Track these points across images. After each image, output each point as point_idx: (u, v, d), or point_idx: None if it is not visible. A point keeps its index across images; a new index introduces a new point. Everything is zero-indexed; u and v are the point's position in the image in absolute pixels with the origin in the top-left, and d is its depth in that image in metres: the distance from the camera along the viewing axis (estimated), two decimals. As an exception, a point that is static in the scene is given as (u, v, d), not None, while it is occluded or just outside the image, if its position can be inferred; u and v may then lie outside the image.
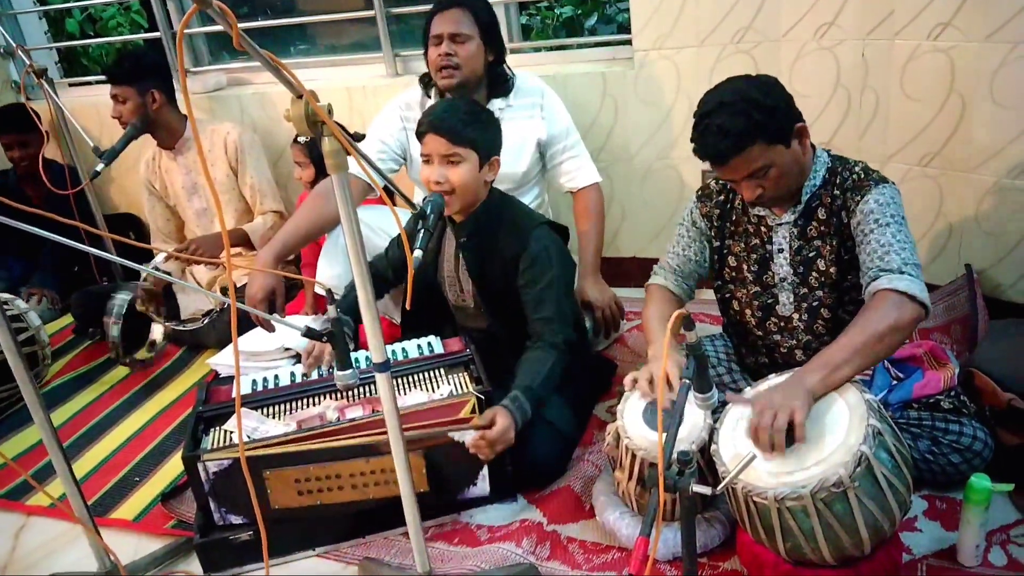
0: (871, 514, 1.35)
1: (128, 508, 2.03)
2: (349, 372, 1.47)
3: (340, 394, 1.86)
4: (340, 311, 1.52)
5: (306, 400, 1.87)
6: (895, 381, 1.78)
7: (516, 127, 2.32)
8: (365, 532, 1.80)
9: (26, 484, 2.12)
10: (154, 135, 2.78)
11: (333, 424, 1.72)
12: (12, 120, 3.19)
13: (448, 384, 1.85)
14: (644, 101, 2.68)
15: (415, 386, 1.87)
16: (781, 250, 1.75)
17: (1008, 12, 2.04)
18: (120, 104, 2.67)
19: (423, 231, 1.62)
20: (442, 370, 1.91)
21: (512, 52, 2.42)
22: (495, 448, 1.68)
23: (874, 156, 2.42)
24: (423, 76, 2.38)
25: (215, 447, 1.71)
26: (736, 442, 1.47)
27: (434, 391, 1.84)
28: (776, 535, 1.40)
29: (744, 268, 1.81)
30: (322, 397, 1.87)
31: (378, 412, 1.74)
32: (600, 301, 2.31)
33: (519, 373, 1.81)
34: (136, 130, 2.66)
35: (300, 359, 2.10)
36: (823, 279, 1.72)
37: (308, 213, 2.28)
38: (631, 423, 1.64)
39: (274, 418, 1.81)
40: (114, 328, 2.56)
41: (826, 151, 1.73)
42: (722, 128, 1.55)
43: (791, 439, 1.39)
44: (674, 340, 1.54)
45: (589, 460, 1.95)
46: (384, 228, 2.34)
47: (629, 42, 2.67)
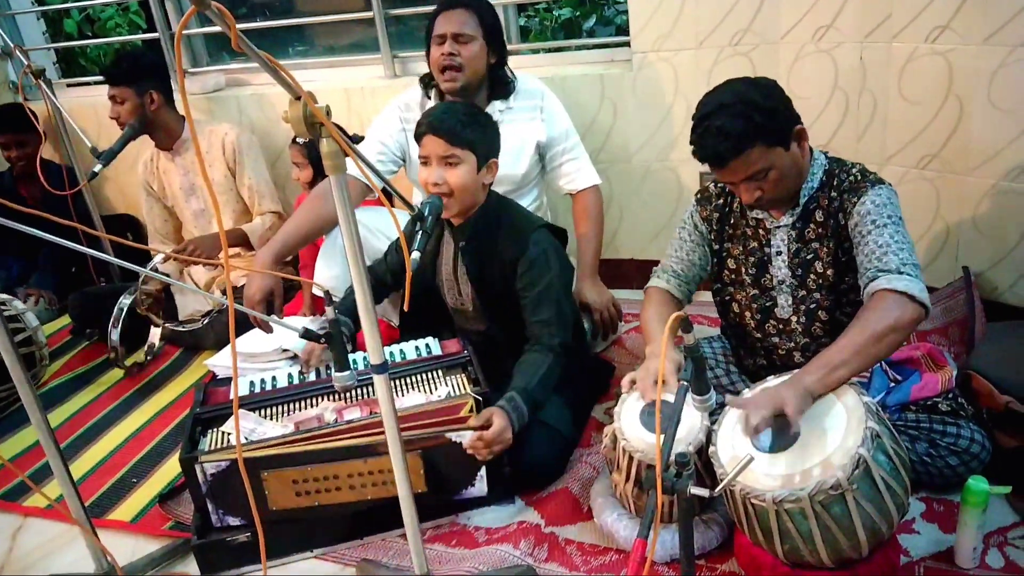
0: (869, 516, 1.35)
1: (126, 509, 2.03)
2: (347, 374, 1.47)
3: (338, 395, 1.86)
4: (339, 313, 1.52)
5: (304, 401, 1.86)
6: (893, 383, 1.78)
7: (516, 129, 2.32)
8: (363, 533, 1.80)
9: (23, 485, 2.11)
10: (152, 136, 2.78)
11: (331, 426, 1.72)
12: (9, 120, 3.18)
13: (446, 386, 1.85)
14: (642, 103, 2.69)
15: (413, 388, 1.87)
16: (779, 252, 1.75)
17: (1005, 15, 2.05)
18: (118, 105, 2.66)
19: (421, 233, 1.62)
20: (440, 372, 1.91)
21: (510, 54, 2.41)
22: (492, 449, 1.69)
23: (872, 158, 2.42)
24: (423, 76, 2.38)
25: (213, 448, 1.70)
26: (734, 444, 1.48)
27: (432, 393, 1.83)
28: (774, 537, 1.40)
29: (743, 271, 1.81)
30: (320, 399, 1.87)
31: (376, 414, 1.74)
32: (599, 303, 2.31)
33: (516, 375, 1.81)
34: (134, 131, 2.66)
35: (298, 360, 2.10)
36: (821, 281, 1.72)
37: (307, 214, 2.27)
38: (628, 425, 1.64)
39: (272, 419, 1.81)
40: (114, 333, 2.56)
41: (823, 153, 1.73)
42: (722, 130, 1.54)
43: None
44: (672, 342, 1.54)
45: (587, 462, 1.95)
46: (382, 230, 2.34)
47: (627, 44, 2.67)
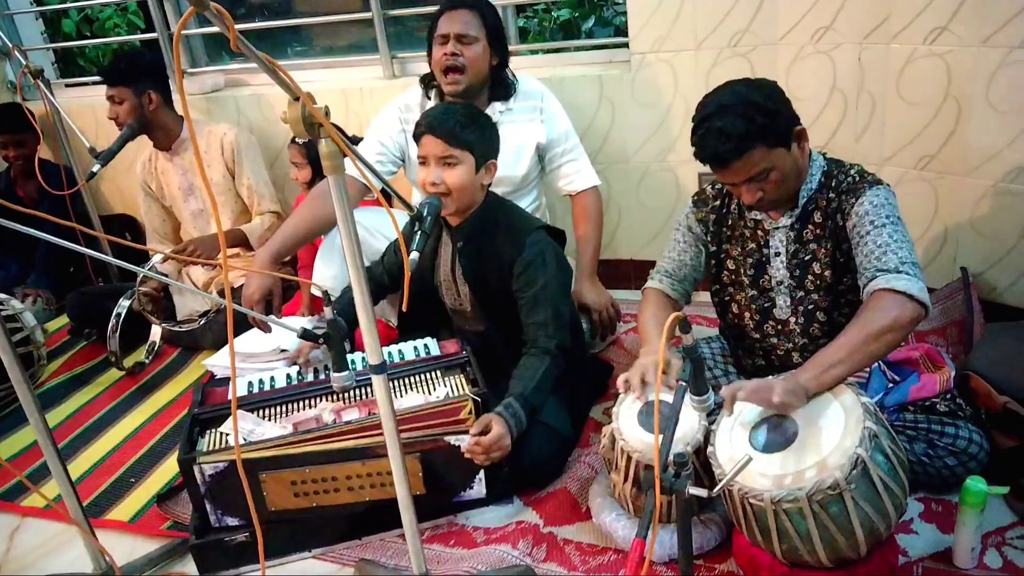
0: (867, 516, 1.35)
1: (124, 509, 2.03)
2: (345, 374, 1.46)
3: (336, 396, 1.86)
4: (336, 312, 1.52)
5: (302, 402, 1.86)
6: (891, 384, 1.78)
7: (516, 130, 2.32)
8: (361, 533, 1.79)
9: (21, 485, 2.11)
10: (150, 136, 2.78)
11: (329, 427, 1.72)
12: (6, 119, 3.18)
13: (444, 386, 1.85)
14: (641, 104, 2.69)
15: (411, 388, 1.87)
16: (778, 254, 1.75)
17: (1004, 17, 2.05)
18: (116, 105, 2.66)
19: (420, 233, 1.62)
20: (438, 372, 1.91)
21: (509, 55, 2.42)
22: (490, 455, 1.68)
23: (870, 159, 2.42)
24: (424, 76, 2.37)
25: (211, 449, 1.70)
26: (732, 444, 1.47)
27: (430, 393, 1.83)
28: (772, 537, 1.40)
29: (741, 272, 1.81)
30: (318, 399, 1.86)
31: (374, 414, 1.74)
32: (597, 304, 2.31)
33: (513, 382, 1.81)
34: (132, 131, 2.66)
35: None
36: (819, 282, 1.73)
37: (305, 214, 2.27)
38: (626, 425, 1.64)
39: (270, 420, 1.81)
40: (112, 342, 2.55)
41: (822, 154, 1.73)
42: (724, 131, 1.54)
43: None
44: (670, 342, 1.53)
45: (585, 462, 1.95)
46: (381, 230, 2.34)
47: (626, 45, 2.67)
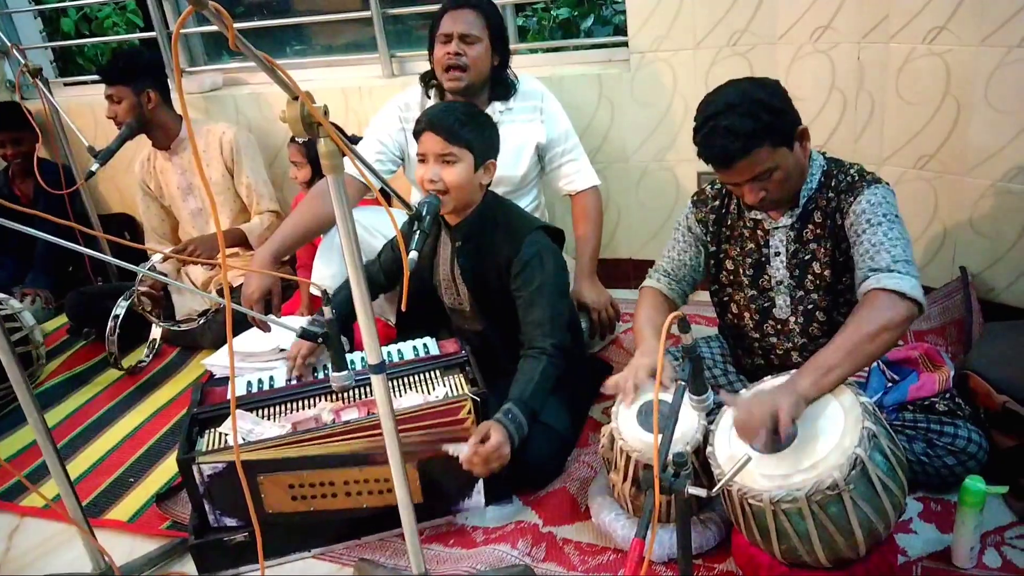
0: (866, 516, 1.35)
1: (123, 509, 2.02)
2: (344, 374, 1.46)
3: (336, 396, 1.86)
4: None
5: (301, 402, 1.86)
6: (890, 383, 1.78)
7: (516, 130, 2.32)
8: (360, 533, 1.79)
9: (20, 485, 2.11)
10: (149, 135, 2.77)
11: (329, 427, 1.72)
12: (5, 118, 3.18)
13: (444, 386, 1.85)
14: (640, 103, 2.69)
15: (411, 388, 1.87)
16: (778, 253, 1.75)
17: (1002, 16, 2.05)
18: (115, 104, 2.66)
19: (419, 233, 1.61)
20: (438, 372, 1.91)
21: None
22: (489, 465, 1.65)
23: (870, 159, 2.42)
24: (424, 75, 2.37)
25: (210, 449, 1.70)
26: (731, 444, 1.47)
27: (430, 393, 1.83)
28: (771, 537, 1.40)
29: (741, 272, 1.81)
30: (317, 399, 1.86)
31: (374, 414, 1.74)
32: (596, 303, 2.31)
33: (512, 387, 1.79)
34: (131, 130, 2.66)
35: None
36: (818, 282, 1.73)
37: (305, 213, 2.27)
38: (626, 425, 1.64)
39: (269, 420, 1.81)
40: (112, 345, 2.55)
41: (821, 154, 1.73)
42: (730, 130, 1.53)
43: (778, 439, 1.40)
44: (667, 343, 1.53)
45: (585, 462, 1.95)
46: (379, 229, 2.34)
47: (625, 44, 2.67)
